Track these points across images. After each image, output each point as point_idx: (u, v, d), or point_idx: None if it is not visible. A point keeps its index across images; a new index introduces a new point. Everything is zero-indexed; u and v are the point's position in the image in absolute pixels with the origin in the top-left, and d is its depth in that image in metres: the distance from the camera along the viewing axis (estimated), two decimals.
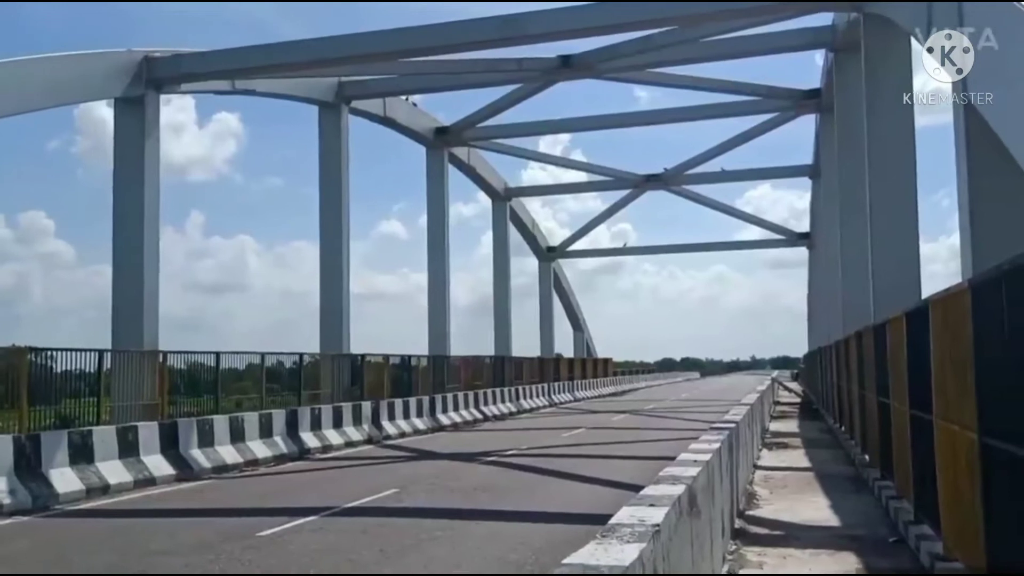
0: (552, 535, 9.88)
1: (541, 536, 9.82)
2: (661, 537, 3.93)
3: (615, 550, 3.51)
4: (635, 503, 4.55)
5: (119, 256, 18.46)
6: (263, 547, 9.44)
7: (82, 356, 15.77)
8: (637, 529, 3.85)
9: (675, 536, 4.43)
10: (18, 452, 12.59)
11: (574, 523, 10.63)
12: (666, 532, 4.10)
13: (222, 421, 17.21)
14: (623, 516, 4.18)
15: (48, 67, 15.98)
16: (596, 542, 3.66)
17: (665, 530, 4.07)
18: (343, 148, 25.70)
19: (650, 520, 4.02)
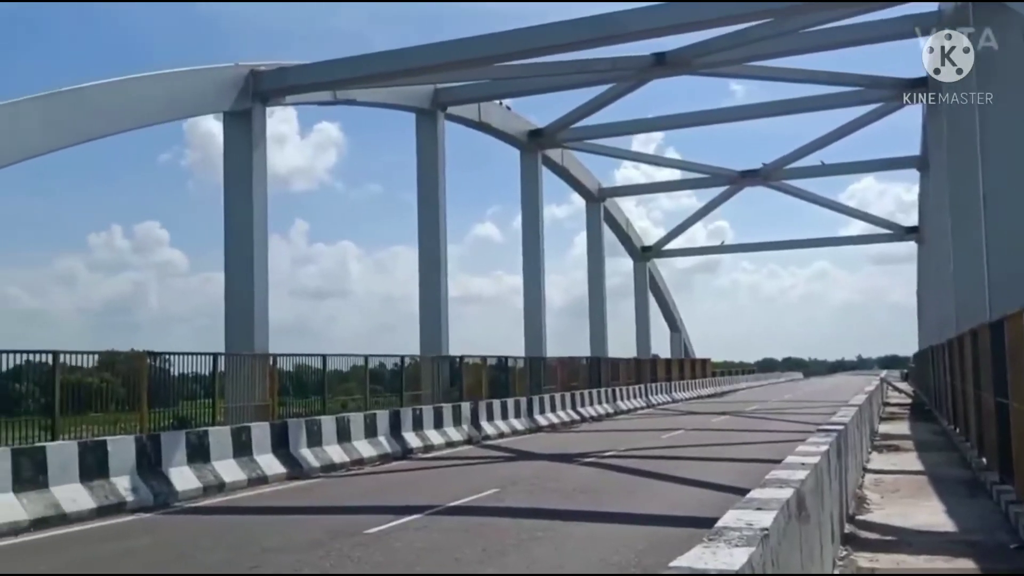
0: (654, 537, 9.83)
1: (642, 538, 9.78)
2: (770, 541, 3.90)
3: (723, 554, 3.51)
4: (742, 506, 4.51)
5: (231, 264, 19.27)
6: (371, 544, 9.71)
7: (197, 360, 16.54)
8: (745, 533, 3.83)
9: (784, 540, 4.38)
10: (140, 452, 13.28)
11: (676, 526, 10.55)
12: (775, 536, 4.06)
13: (329, 421, 17.75)
14: (730, 519, 4.16)
15: (162, 83, 16.83)
16: (703, 545, 3.66)
17: (774, 534, 4.03)
18: (439, 154, 26.13)
19: (758, 524, 3.99)
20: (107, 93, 15.66)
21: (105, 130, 15.84)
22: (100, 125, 15.69)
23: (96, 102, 15.44)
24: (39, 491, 11.58)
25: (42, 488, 11.64)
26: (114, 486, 12.57)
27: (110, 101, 15.73)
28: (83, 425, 14.02)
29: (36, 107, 14.39)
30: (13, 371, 14.00)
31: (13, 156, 14.10)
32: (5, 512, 10.95)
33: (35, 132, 14.38)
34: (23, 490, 11.39)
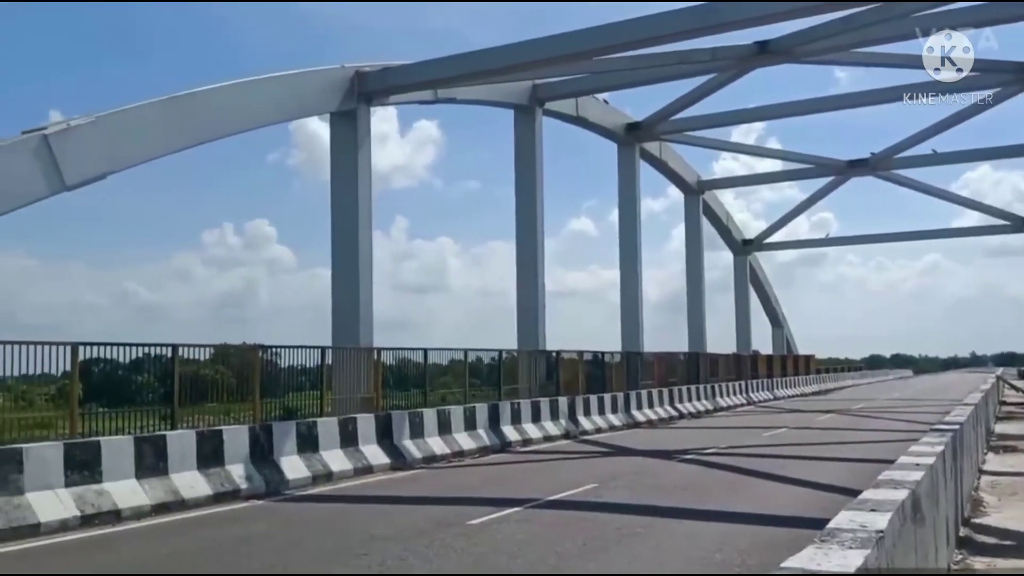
0: (757, 537, 9.70)
1: (745, 538, 9.66)
2: (885, 544, 3.83)
3: (837, 555, 3.47)
4: (855, 507, 4.44)
5: (337, 260, 19.85)
6: (473, 535, 9.89)
7: (305, 353, 17.11)
8: (859, 535, 3.77)
9: (899, 543, 4.29)
10: (253, 441, 13.84)
11: (779, 526, 10.37)
12: (890, 539, 3.98)
13: (431, 414, 18.10)
14: (842, 520, 4.10)
15: (273, 86, 17.47)
16: (815, 546, 3.62)
17: (889, 536, 3.95)
18: (537, 149, 26.24)
19: (873, 526, 3.92)
20: (221, 97, 16.36)
21: (219, 132, 16.57)
22: (215, 127, 16.42)
23: (211, 105, 16.16)
24: (160, 477, 12.20)
25: (162, 475, 12.26)
26: (229, 474, 13.15)
27: (224, 104, 16.44)
28: (198, 415, 14.69)
29: (155, 111, 15.16)
30: (133, 363, 14.80)
31: (135, 158, 14.90)
32: (129, 497, 11.58)
33: (155, 135, 15.17)
34: (145, 476, 12.01)
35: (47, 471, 10.82)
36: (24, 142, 13.17)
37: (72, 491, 11.01)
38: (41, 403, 14.60)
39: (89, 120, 13.95)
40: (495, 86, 23.97)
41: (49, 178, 13.35)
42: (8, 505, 10.25)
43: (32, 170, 13.12)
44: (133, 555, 9.54)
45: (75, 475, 11.14)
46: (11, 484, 10.39)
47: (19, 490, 10.46)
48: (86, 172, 13.91)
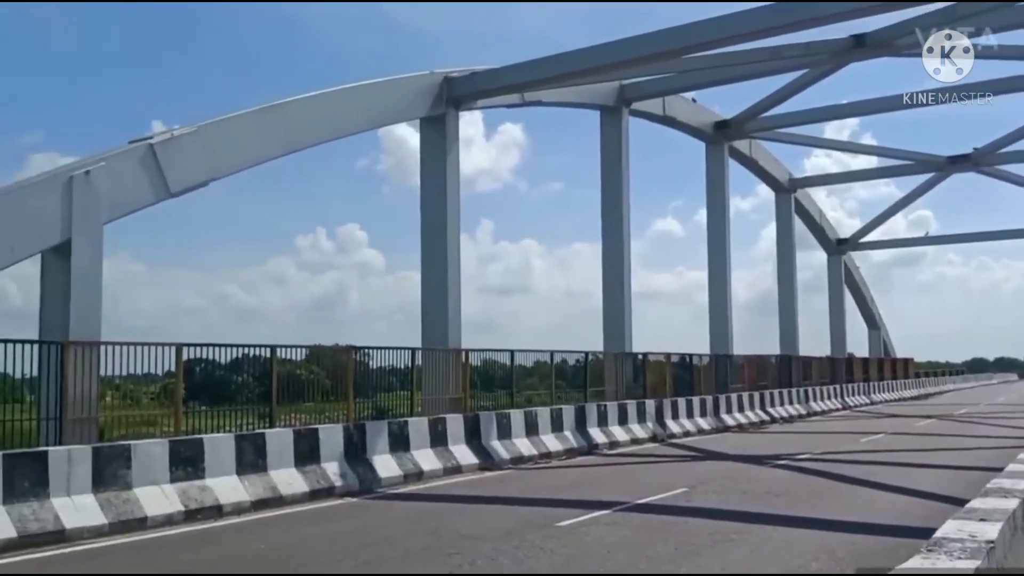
0: (855, 546, 9.42)
1: (843, 546, 9.40)
2: (996, 554, 3.69)
3: (944, 565, 3.37)
4: (962, 516, 4.29)
5: (426, 263, 20.15)
6: (562, 537, 9.90)
7: (395, 354, 17.44)
8: (968, 545, 3.65)
9: (1009, 554, 4.12)
10: (347, 440, 14.17)
11: (879, 534, 10.04)
12: (1000, 549, 3.84)
13: (518, 415, 18.20)
14: (949, 530, 3.97)
15: (364, 94, 17.87)
16: (922, 556, 3.53)
17: (1000, 547, 3.81)
18: (624, 150, 26.07)
19: (983, 536, 3.79)
20: (315, 105, 16.82)
21: (314, 140, 17.03)
22: (310, 135, 16.89)
23: (306, 114, 16.63)
24: (259, 474, 12.60)
25: (262, 472, 12.66)
26: (324, 471, 13.50)
27: (318, 112, 16.90)
28: (293, 414, 15.13)
29: (253, 120, 15.70)
30: (232, 363, 15.34)
31: (235, 165, 15.46)
32: (230, 493, 12.00)
33: (253, 143, 15.70)
34: (245, 473, 12.42)
35: (153, 467, 11.30)
36: (132, 151, 13.84)
37: (177, 486, 11.47)
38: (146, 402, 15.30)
39: (191, 130, 14.56)
40: (581, 88, 23.91)
41: (155, 186, 14.00)
42: (117, 499, 10.75)
43: (140, 178, 13.77)
44: (234, 549, 9.88)
45: (179, 471, 11.60)
46: (120, 479, 10.90)
47: (127, 485, 10.96)
48: (189, 180, 14.52)
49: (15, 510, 9.74)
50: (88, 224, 12.93)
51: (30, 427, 11.95)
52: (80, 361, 12.04)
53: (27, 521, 9.75)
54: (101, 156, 13.38)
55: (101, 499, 10.58)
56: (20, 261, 12.46)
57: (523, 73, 20.02)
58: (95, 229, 13.07)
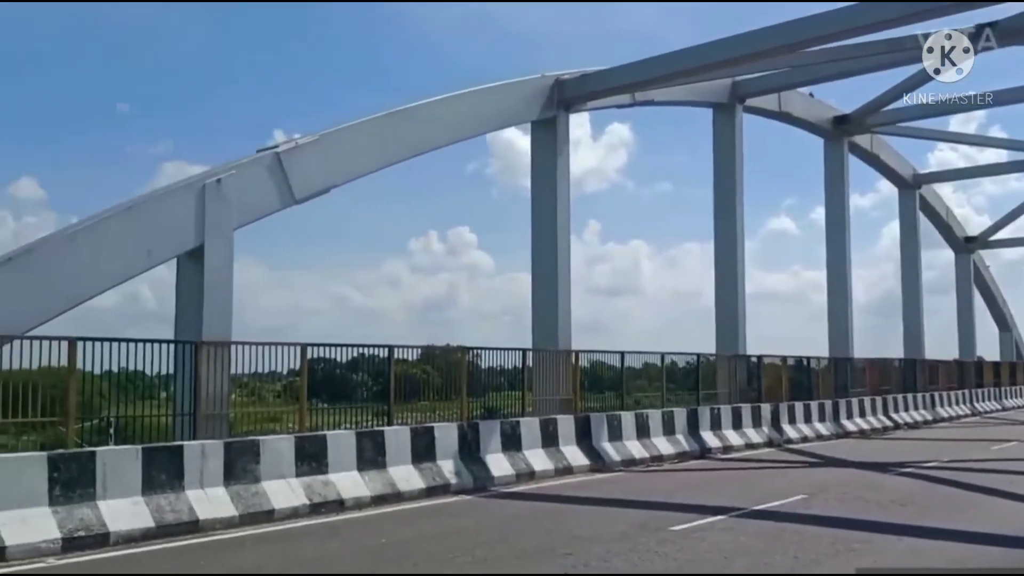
0: (986, 557, 9.04)
1: (974, 559, 9.01)
2: None
3: None
4: None
5: (537, 265, 20.29)
6: (676, 541, 9.82)
7: (504, 354, 17.63)
8: None
9: None
10: (461, 438, 14.45)
11: (1015, 547, 9.57)
12: None
13: (629, 417, 18.13)
14: None
15: (478, 98, 18.16)
16: None
17: None
18: (737, 148, 25.54)
19: None
20: (431, 111, 17.22)
21: (430, 145, 17.43)
22: (426, 141, 17.29)
23: (422, 120, 17.04)
24: (378, 470, 12.99)
25: (381, 468, 13.04)
26: (440, 469, 13.80)
27: (434, 118, 17.29)
28: (408, 412, 15.51)
29: (372, 128, 16.19)
30: (350, 362, 15.86)
31: (355, 172, 15.99)
32: (351, 488, 12.42)
33: (372, 150, 16.20)
34: (365, 469, 12.83)
35: (280, 462, 11.82)
36: (259, 160, 14.52)
37: (302, 480, 11.96)
38: (270, 399, 15.98)
39: (314, 138, 15.15)
40: (693, 86, 23.56)
41: (281, 192, 14.64)
42: (247, 492, 11.29)
43: (267, 186, 14.43)
44: (356, 543, 10.23)
45: (304, 466, 12.09)
46: (249, 473, 11.44)
47: (256, 479, 11.49)
48: (312, 186, 15.11)
49: (153, 501, 10.36)
50: (220, 230, 13.64)
51: (166, 422, 12.70)
52: (212, 360, 12.71)
53: (164, 512, 10.36)
54: (231, 165, 14.11)
55: (232, 492, 11.14)
56: (157, 265, 13.27)
57: (634, 73, 19.89)
58: (226, 234, 13.78)
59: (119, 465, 10.18)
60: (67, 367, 10.97)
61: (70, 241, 12.30)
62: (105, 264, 12.56)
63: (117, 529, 9.80)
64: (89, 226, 12.58)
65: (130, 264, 12.94)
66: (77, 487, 9.77)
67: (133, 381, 12.66)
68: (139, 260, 12.97)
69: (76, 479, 9.78)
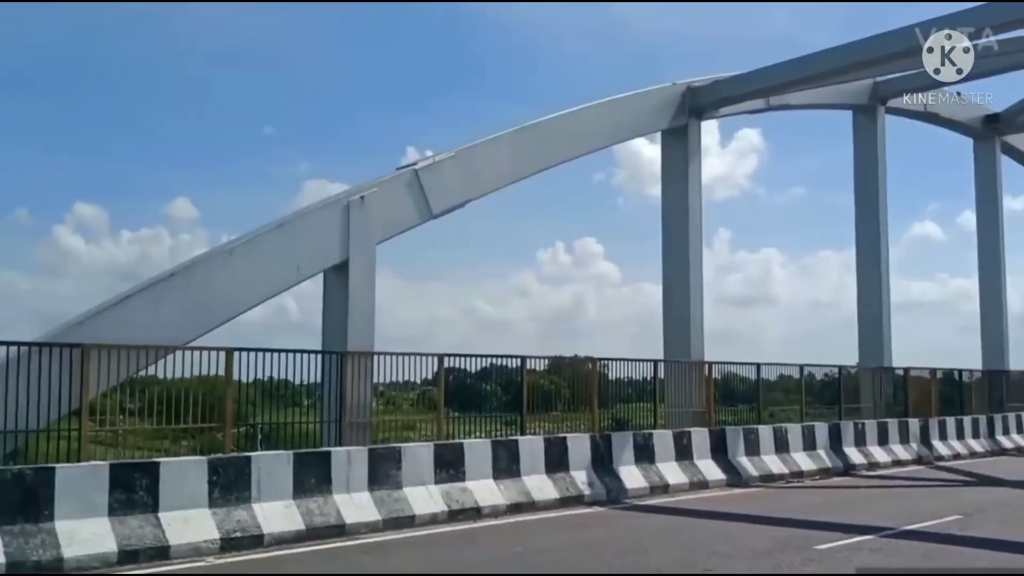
0: None
1: None
2: None
3: None
4: None
5: (668, 275, 20.06)
6: (822, 560, 9.50)
7: (632, 365, 17.49)
8: None
9: None
10: (594, 449, 14.46)
11: None
12: None
13: (766, 431, 17.65)
14: None
15: (608, 110, 18.15)
16: None
17: None
18: (880, 151, 24.49)
19: None
20: (563, 124, 17.34)
21: (562, 158, 17.54)
22: (558, 153, 17.42)
23: (554, 133, 17.18)
24: (513, 479, 13.16)
25: (515, 477, 13.21)
26: (573, 479, 13.85)
27: (566, 131, 17.40)
28: (536, 422, 15.62)
29: (506, 142, 16.45)
30: (480, 372, 16.13)
31: (489, 186, 16.28)
32: (488, 496, 12.63)
33: (506, 164, 16.48)
34: (500, 477, 13.02)
35: (420, 469, 12.16)
36: (399, 177, 15.04)
37: (440, 488, 12.26)
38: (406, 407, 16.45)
39: (451, 155, 15.56)
40: (831, 88, 22.77)
41: (420, 208, 15.11)
42: (389, 498, 11.67)
43: (406, 201, 14.92)
44: (494, 550, 10.41)
45: (443, 473, 12.39)
46: (391, 479, 11.82)
47: (398, 485, 11.86)
48: (449, 201, 15.52)
49: (303, 504, 10.85)
50: (363, 245, 14.20)
51: (314, 429, 13.29)
52: (357, 369, 13.23)
53: (313, 515, 10.83)
54: (372, 183, 14.67)
55: (375, 497, 11.54)
56: (305, 280, 13.93)
57: (769, 77, 19.41)
58: (369, 249, 14.33)
59: (272, 469, 10.72)
60: (225, 376, 11.67)
61: (227, 256, 13.10)
62: (259, 278, 13.30)
63: (271, 531, 10.32)
64: (245, 243, 13.35)
65: (282, 278, 13.65)
66: (234, 490, 10.35)
67: (280, 389, 13.33)
68: (290, 274, 13.67)
69: (233, 482, 10.37)
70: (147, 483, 9.71)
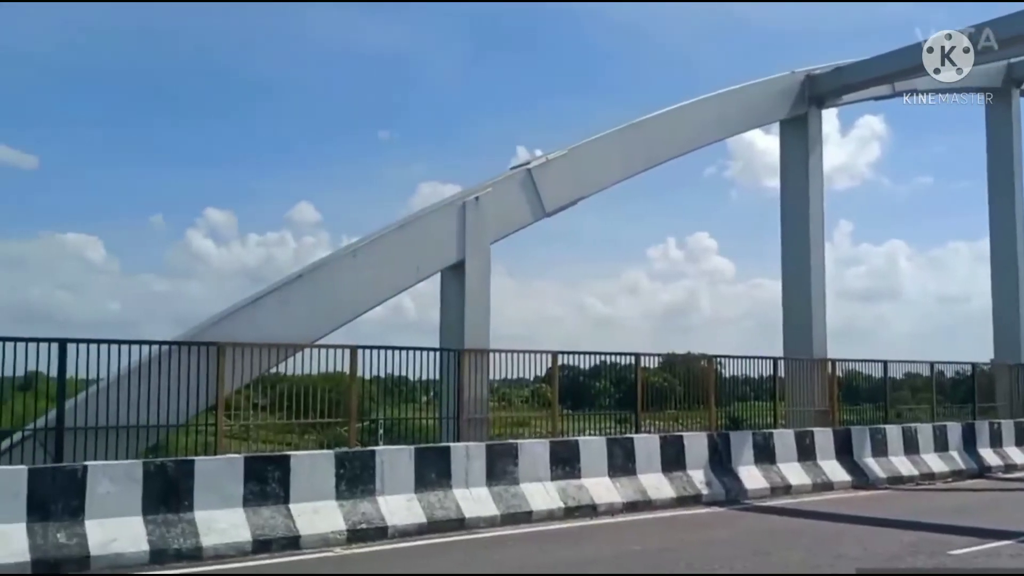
0: None
1: None
2: None
3: None
4: None
5: (788, 270, 19.49)
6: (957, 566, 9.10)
7: (749, 363, 17.12)
8: None
9: None
10: (712, 448, 14.23)
11: None
12: None
13: (894, 430, 17.00)
14: None
15: (721, 102, 17.74)
16: None
17: None
18: (1015, 136, 23.12)
19: None
20: (675, 119, 17.07)
21: (674, 153, 17.25)
22: (669, 149, 17.15)
23: (666, 128, 16.93)
24: (629, 477, 13.11)
25: (631, 475, 13.16)
26: (690, 478, 13.68)
27: (678, 126, 17.13)
28: (649, 420, 15.51)
29: (617, 138, 16.32)
30: (592, 369, 16.14)
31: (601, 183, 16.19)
32: (603, 494, 12.63)
33: (617, 161, 16.37)
34: (616, 475, 12.99)
35: (536, 465, 12.27)
36: (513, 177, 15.18)
37: (556, 484, 12.35)
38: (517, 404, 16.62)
39: (563, 153, 15.59)
40: None
41: (533, 207, 15.20)
42: (506, 493, 11.83)
43: (520, 201, 15.04)
44: (612, 548, 10.40)
45: (558, 470, 12.47)
46: (508, 475, 11.98)
47: (515, 480, 12.01)
48: (561, 199, 15.54)
49: (424, 498, 11.12)
50: (478, 244, 14.41)
51: (432, 425, 13.62)
52: (473, 366, 13.47)
53: (434, 509, 11.10)
54: (487, 183, 14.87)
55: (493, 492, 11.72)
56: (424, 280, 14.26)
57: (895, 62, 18.55)
58: (484, 248, 14.53)
59: (394, 463, 11.04)
60: (349, 372, 12.09)
61: (351, 258, 13.54)
62: (381, 279, 13.68)
63: (394, 524, 10.63)
64: (366, 245, 13.76)
65: (402, 278, 14.00)
66: (359, 483, 10.72)
67: (398, 385, 13.72)
68: (409, 275, 14.02)
69: (359, 476, 10.74)
70: (279, 475, 10.17)
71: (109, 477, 9.23)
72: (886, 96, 20.31)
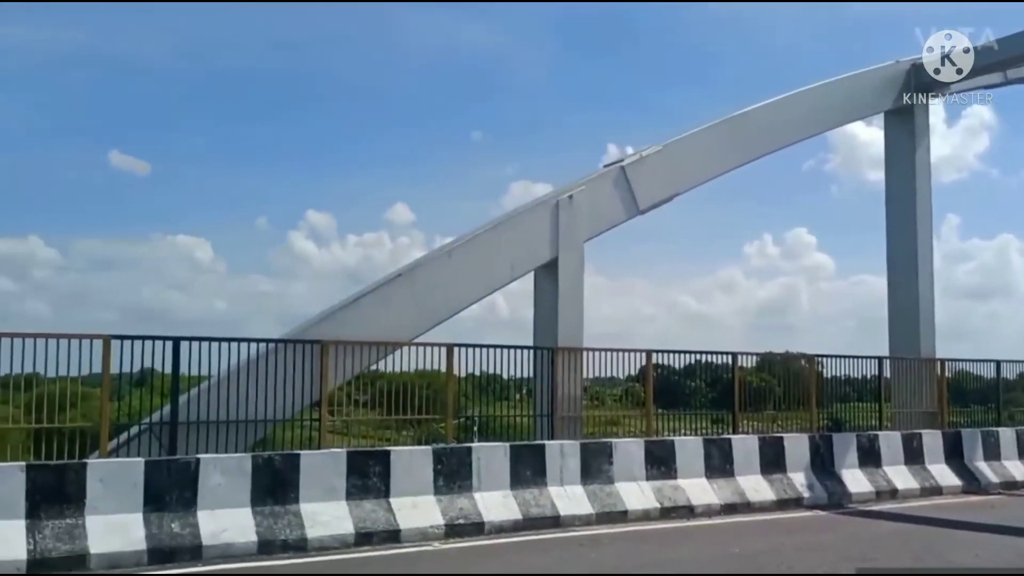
0: None
1: None
2: None
3: None
4: None
5: (893, 267, 18.81)
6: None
7: (851, 362, 16.62)
8: None
9: None
10: (813, 450, 13.86)
11: None
12: None
13: (1008, 433, 16.27)
14: None
15: (821, 94, 17.22)
16: None
17: None
18: None
19: None
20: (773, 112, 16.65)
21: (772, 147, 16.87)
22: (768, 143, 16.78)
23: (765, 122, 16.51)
24: (726, 478, 12.89)
25: (729, 476, 12.94)
26: (791, 481, 13.36)
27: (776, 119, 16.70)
28: (746, 421, 15.22)
29: (713, 133, 16.03)
30: (686, 368, 15.93)
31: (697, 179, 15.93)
32: (700, 495, 12.44)
33: (714, 156, 16.08)
34: (713, 476, 12.79)
35: (631, 464, 12.20)
36: (606, 175, 15.12)
37: (652, 484, 12.25)
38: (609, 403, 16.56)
39: (657, 149, 15.44)
40: None
41: (626, 204, 15.10)
42: (601, 492, 11.81)
43: (613, 199, 14.96)
44: (709, 550, 10.26)
45: (654, 470, 12.37)
46: (603, 474, 11.95)
47: (610, 480, 11.97)
48: (655, 196, 15.37)
49: (520, 495, 11.20)
50: (572, 243, 14.41)
51: (527, 423, 13.71)
52: (567, 365, 13.50)
53: (529, 506, 11.16)
54: (580, 181, 14.86)
55: (588, 491, 11.71)
56: (518, 278, 14.36)
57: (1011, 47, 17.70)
58: (577, 247, 14.53)
59: (490, 460, 11.15)
60: (446, 370, 12.30)
61: (447, 258, 13.74)
62: (476, 277, 13.85)
63: (491, 520, 10.74)
64: (462, 244, 13.95)
65: (497, 277, 14.13)
66: (457, 479, 10.87)
67: (492, 383, 13.86)
68: (504, 273, 14.13)
69: (456, 471, 10.90)
70: (379, 470, 10.40)
71: (220, 470, 9.61)
72: (998, 84, 19.41)
